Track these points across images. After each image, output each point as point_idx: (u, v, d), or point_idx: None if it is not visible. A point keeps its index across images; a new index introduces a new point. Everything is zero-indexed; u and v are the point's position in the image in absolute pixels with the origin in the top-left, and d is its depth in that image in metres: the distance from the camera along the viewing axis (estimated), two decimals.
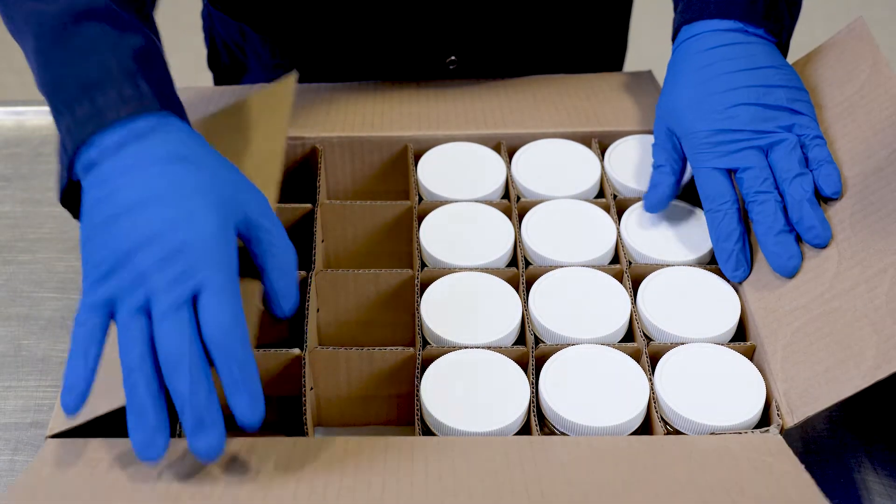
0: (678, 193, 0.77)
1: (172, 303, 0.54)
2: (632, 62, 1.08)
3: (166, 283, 0.55)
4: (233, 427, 0.54)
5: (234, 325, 0.54)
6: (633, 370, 0.67)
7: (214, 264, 0.56)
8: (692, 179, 0.76)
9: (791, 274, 0.69)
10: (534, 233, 0.76)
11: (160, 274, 0.55)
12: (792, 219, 0.69)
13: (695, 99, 0.73)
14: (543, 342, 0.70)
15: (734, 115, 0.71)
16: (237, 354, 0.54)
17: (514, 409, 0.64)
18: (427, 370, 0.67)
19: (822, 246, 0.68)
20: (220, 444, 0.53)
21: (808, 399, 0.63)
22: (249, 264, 0.60)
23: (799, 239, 0.70)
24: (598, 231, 0.77)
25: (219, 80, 1.07)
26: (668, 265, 0.74)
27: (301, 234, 0.80)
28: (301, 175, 0.85)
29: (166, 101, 0.63)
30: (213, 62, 1.06)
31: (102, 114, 0.61)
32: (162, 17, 0.76)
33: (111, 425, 0.58)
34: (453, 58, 0.93)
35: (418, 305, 0.71)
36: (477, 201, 0.79)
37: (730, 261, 0.71)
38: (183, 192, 0.58)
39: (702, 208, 0.78)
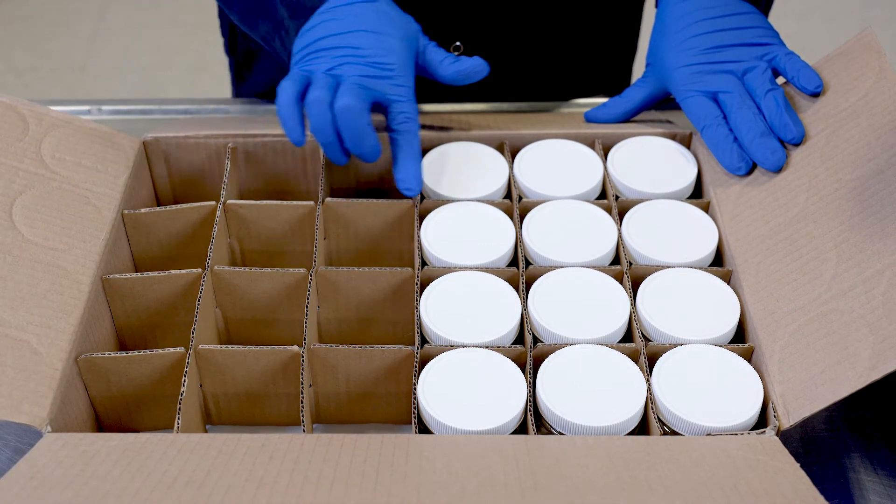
0: (633, 112, 0.87)
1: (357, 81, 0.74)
2: (644, 51, 1.08)
3: (355, 72, 0.75)
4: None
5: (414, 124, 0.76)
6: (630, 371, 0.67)
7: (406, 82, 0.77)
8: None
9: (777, 167, 0.75)
10: (535, 233, 0.77)
11: (355, 66, 0.75)
12: (770, 124, 0.77)
13: (678, 42, 0.82)
14: (542, 342, 0.70)
15: (713, 52, 0.80)
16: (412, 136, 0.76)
17: (511, 408, 0.64)
18: (425, 368, 0.67)
19: (797, 143, 0.76)
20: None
21: (805, 400, 0.63)
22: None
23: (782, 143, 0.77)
24: (599, 232, 0.77)
25: (237, 67, 1.08)
26: (668, 266, 0.74)
27: (303, 232, 0.80)
28: (304, 173, 0.85)
29: None
30: (232, 48, 1.07)
31: None
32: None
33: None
34: (458, 43, 0.93)
35: (418, 304, 0.71)
36: (478, 201, 0.80)
37: (732, 156, 0.77)
38: (385, 27, 0.77)
39: (703, 210, 0.79)
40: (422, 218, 0.78)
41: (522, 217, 0.79)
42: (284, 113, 0.73)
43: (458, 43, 0.94)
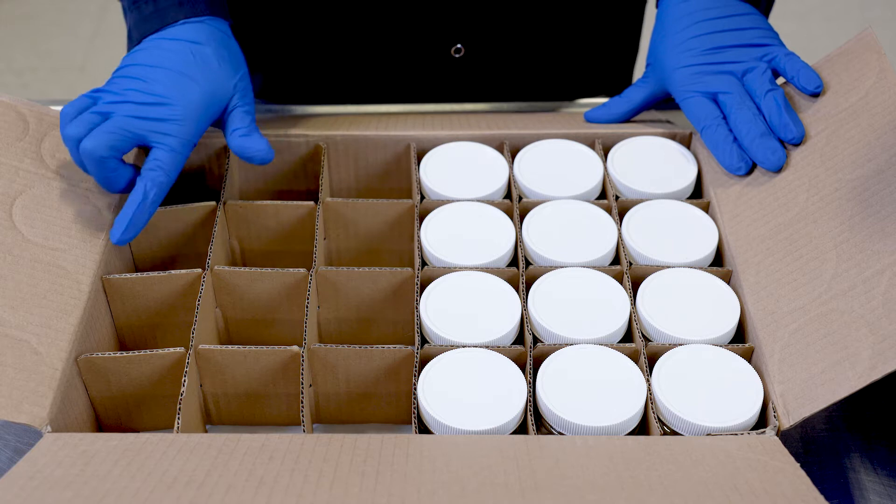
0: (633, 112, 0.87)
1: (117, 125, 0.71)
2: (645, 52, 1.08)
3: (127, 111, 0.71)
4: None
5: (161, 174, 0.72)
6: (630, 371, 0.67)
7: (178, 131, 0.73)
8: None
9: (777, 167, 0.75)
10: (535, 233, 0.77)
11: (130, 105, 0.72)
12: (770, 124, 0.76)
13: (678, 43, 0.82)
14: (542, 342, 0.70)
15: (713, 53, 0.80)
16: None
17: (511, 408, 0.64)
18: (425, 368, 0.67)
19: (797, 143, 0.76)
20: None
21: (805, 400, 0.63)
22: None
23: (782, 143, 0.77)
24: (599, 232, 0.77)
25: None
26: (668, 266, 0.74)
27: (303, 232, 0.80)
28: (304, 173, 0.85)
29: (215, 7, 0.78)
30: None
31: (164, 14, 0.76)
32: None
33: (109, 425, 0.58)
34: (459, 45, 0.93)
35: (418, 304, 0.71)
36: (478, 201, 0.80)
37: (732, 156, 0.77)
38: (193, 71, 0.74)
39: (703, 210, 0.79)
40: (422, 218, 0.78)
41: (522, 217, 0.79)
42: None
43: (458, 45, 0.94)
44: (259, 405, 0.73)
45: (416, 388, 0.66)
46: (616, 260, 0.77)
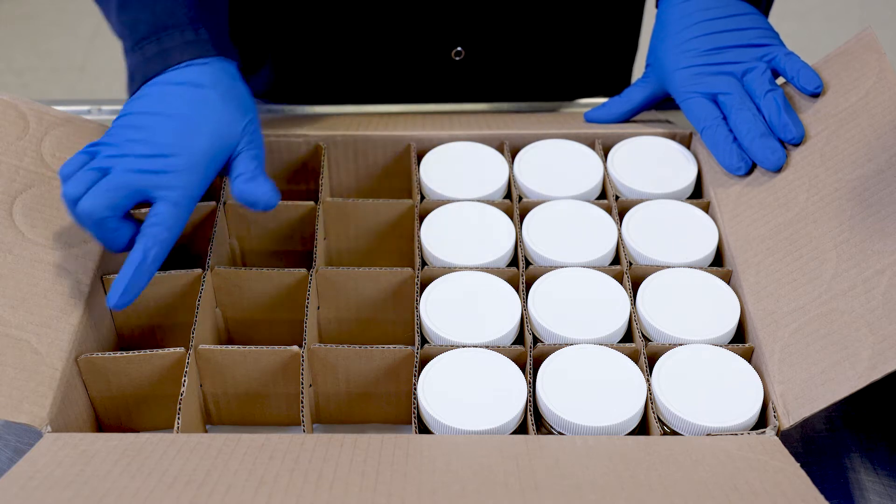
0: (633, 112, 0.87)
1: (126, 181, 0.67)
2: (644, 52, 1.08)
3: (127, 165, 0.67)
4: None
5: (163, 230, 0.67)
6: (630, 371, 0.67)
7: (182, 184, 0.68)
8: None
9: (777, 167, 0.75)
10: (535, 233, 0.77)
11: (131, 158, 0.67)
12: (770, 125, 0.77)
13: (678, 43, 0.82)
14: (542, 342, 0.70)
15: (713, 54, 0.80)
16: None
17: (511, 408, 0.64)
18: (425, 368, 0.67)
19: (797, 143, 0.76)
20: None
21: (805, 401, 0.63)
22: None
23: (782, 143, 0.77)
24: (599, 232, 0.77)
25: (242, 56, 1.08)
26: (668, 266, 0.74)
27: (303, 232, 0.80)
28: (304, 173, 0.85)
29: (222, 47, 0.73)
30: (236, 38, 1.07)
31: (168, 55, 0.71)
32: None
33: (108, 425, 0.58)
34: (459, 48, 0.93)
35: (418, 304, 0.71)
36: (479, 201, 0.80)
37: (732, 157, 0.77)
38: (196, 115, 0.70)
39: (703, 210, 0.79)
40: (422, 218, 0.78)
41: (522, 217, 0.79)
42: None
43: (459, 48, 0.94)
44: (259, 405, 0.73)
45: (416, 388, 0.66)
46: (616, 260, 0.77)
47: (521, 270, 0.74)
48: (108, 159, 0.68)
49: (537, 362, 0.68)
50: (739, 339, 0.72)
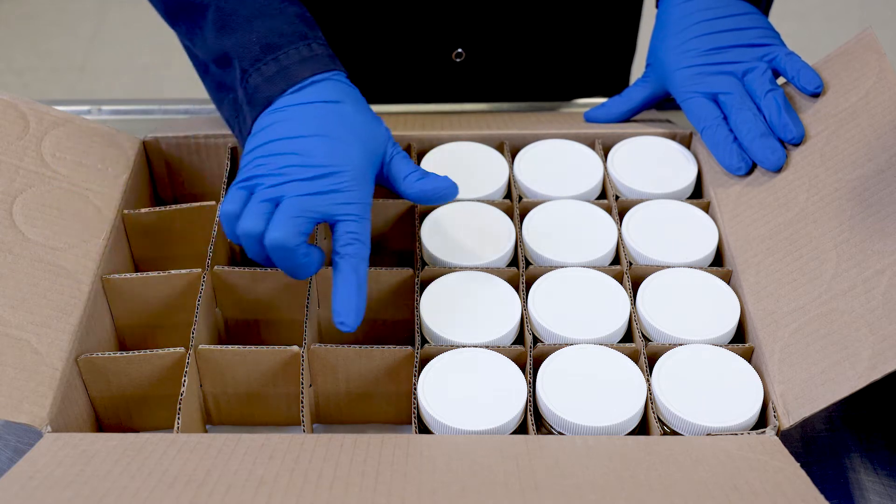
0: (633, 112, 0.87)
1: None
2: (643, 52, 1.08)
3: (296, 190, 0.66)
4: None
5: (361, 246, 0.66)
6: (630, 371, 0.67)
7: (357, 198, 0.67)
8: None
9: (777, 167, 0.75)
10: (535, 233, 0.77)
11: (296, 183, 0.66)
12: (770, 124, 0.77)
13: (678, 43, 0.82)
14: (542, 342, 0.70)
15: (713, 53, 0.80)
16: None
17: (511, 408, 0.64)
18: (425, 368, 0.67)
19: (797, 143, 0.76)
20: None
21: (805, 400, 0.63)
22: None
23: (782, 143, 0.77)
24: (599, 232, 0.77)
25: None
26: (668, 266, 0.74)
27: None
28: None
29: (332, 60, 0.72)
30: None
31: (288, 72, 0.70)
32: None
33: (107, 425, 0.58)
34: (460, 50, 0.93)
35: (418, 304, 0.71)
36: (479, 201, 0.80)
37: (732, 156, 0.78)
38: (342, 132, 0.69)
39: (703, 210, 0.79)
40: (422, 218, 0.78)
41: (522, 217, 0.79)
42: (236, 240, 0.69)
43: (459, 49, 0.94)
44: (259, 405, 0.73)
45: (416, 388, 0.66)
46: (616, 260, 0.77)
47: (521, 270, 0.74)
48: (273, 189, 0.66)
49: (537, 362, 0.68)
50: (739, 339, 0.72)
